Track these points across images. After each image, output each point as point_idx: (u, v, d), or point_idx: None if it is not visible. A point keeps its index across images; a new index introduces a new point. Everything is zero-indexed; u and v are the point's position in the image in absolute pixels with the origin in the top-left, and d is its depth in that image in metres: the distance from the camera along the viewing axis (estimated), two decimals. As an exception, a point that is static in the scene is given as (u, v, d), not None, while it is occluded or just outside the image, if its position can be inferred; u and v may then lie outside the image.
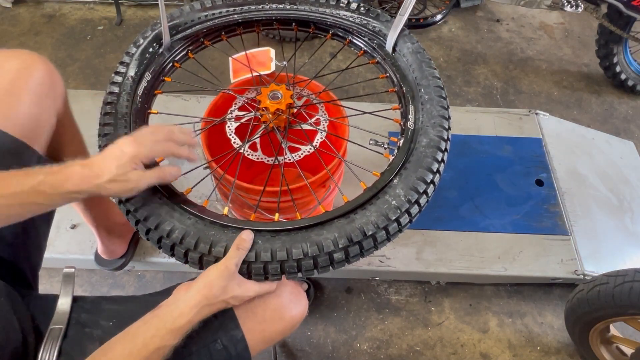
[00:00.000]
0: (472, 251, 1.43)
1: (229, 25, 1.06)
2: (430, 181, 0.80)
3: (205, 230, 0.74)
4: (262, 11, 1.05)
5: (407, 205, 0.77)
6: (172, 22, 1.01)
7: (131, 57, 0.95)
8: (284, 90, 0.96)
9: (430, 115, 0.86)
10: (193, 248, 0.73)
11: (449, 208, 1.52)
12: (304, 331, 1.38)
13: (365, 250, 0.75)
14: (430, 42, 2.30)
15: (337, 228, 0.74)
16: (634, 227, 1.54)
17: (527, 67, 2.23)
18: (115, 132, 0.84)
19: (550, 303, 1.47)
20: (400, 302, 1.45)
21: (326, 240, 0.72)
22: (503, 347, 1.38)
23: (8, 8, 2.30)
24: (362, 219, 0.75)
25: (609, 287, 1.08)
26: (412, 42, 0.97)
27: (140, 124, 0.90)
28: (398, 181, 0.79)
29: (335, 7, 1.04)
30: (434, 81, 0.91)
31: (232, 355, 0.76)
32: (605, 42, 1.98)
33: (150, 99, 0.96)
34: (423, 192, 0.79)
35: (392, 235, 0.76)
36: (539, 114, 1.79)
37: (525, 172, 1.62)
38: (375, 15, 1.02)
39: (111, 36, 2.22)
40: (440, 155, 0.82)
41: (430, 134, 0.84)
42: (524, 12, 2.51)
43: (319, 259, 0.72)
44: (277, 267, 0.72)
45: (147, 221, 0.74)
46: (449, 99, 0.91)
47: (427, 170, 0.80)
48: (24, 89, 0.81)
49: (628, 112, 2.07)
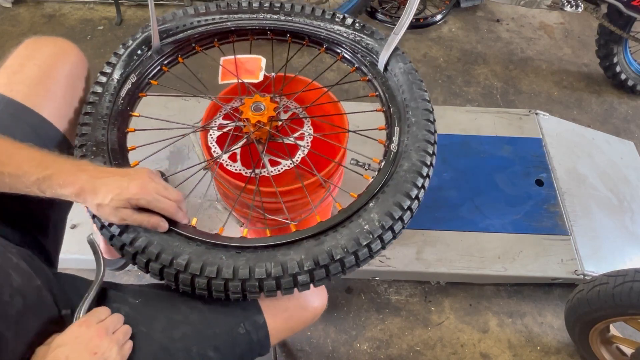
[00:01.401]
0: (472, 251, 1.43)
1: (222, 32, 1.04)
2: (407, 207, 0.76)
3: (170, 241, 0.72)
4: (256, 20, 1.03)
5: (380, 231, 0.73)
6: (163, 25, 1.00)
7: (118, 57, 0.95)
8: (267, 102, 0.94)
9: (415, 139, 0.83)
10: (154, 258, 0.71)
11: (449, 208, 1.52)
12: (304, 331, 1.38)
13: (332, 275, 0.71)
14: (430, 42, 2.30)
15: (305, 249, 0.71)
16: (634, 227, 1.54)
17: (527, 67, 2.23)
18: (93, 132, 0.84)
19: (550, 303, 1.47)
20: (400, 302, 1.45)
21: (292, 261, 0.70)
22: (503, 347, 1.38)
23: (8, 8, 2.30)
24: (331, 242, 0.72)
25: (609, 287, 1.08)
26: (404, 62, 0.94)
27: (121, 125, 0.89)
28: (374, 205, 0.76)
29: (330, 21, 1.02)
30: (423, 104, 0.88)
31: (254, 341, 0.77)
32: (605, 42, 1.98)
33: (134, 101, 0.95)
34: (398, 219, 0.75)
35: (361, 261, 0.73)
36: (539, 114, 1.79)
37: (525, 172, 1.62)
38: (369, 33, 1.00)
39: (111, 36, 2.22)
40: (421, 181, 0.79)
41: (412, 158, 0.81)
42: (524, 12, 2.51)
43: (282, 281, 0.70)
44: (238, 286, 0.70)
45: (111, 227, 0.74)
46: (449, 99, 0.91)
47: (405, 196, 0.76)
48: (60, 72, 0.86)
49: (628, 112, 2.07)
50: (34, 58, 0.85)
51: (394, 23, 2.30)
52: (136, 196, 0.69)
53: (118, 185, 0.69)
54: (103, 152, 0.82)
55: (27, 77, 0.83)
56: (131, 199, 0.69)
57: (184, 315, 0.74)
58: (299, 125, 1.11)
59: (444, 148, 1.65)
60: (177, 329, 0.72)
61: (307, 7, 1.03)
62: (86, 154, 0.81)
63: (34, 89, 0.82)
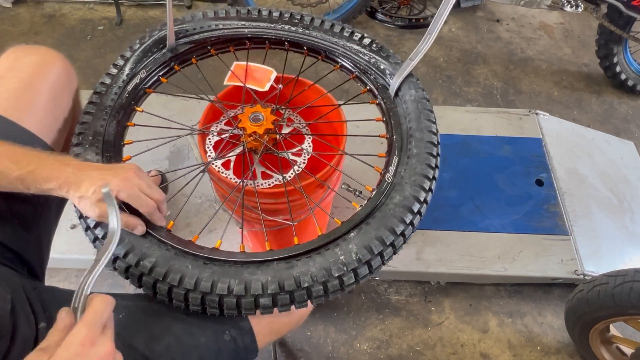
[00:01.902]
0: (472, 251, 1.43)
1: (239, 39, 1.04)
2: (390, 244, 0.72)
3: (141, 242, 0.71)
4: (273, 30, 1.02)
5: (356, 264, 0.69)
6: (181, 25, 1.00)
7: (133, 52, 0.95)
8: (267, 114, 0.93)
9: (413, 172, 0.79)
10: (122, 256, 0.70)
11: (449, 208, 1.52)
12: (303, 331, 1.38)
13: (296, 302, 0.68)
14: (430, 42, 2.30)
15: (273, 271, 0.68)
16: (634, 227, 1.54)
17: (527, 67, 2.23)
18: (93, 122, 0.84)
19: (550, 303, 1.47)
20: (400, 302, 1.45)
21: (256, 282, 0.67)
22: (503, 347, 1.38)
23: (8, 8, 2.30)
24: (302, 268, 0.68)
25: (609, 287, 1.08)
26: (416, 90, 0.90)
27: (122, 119, 0.88)
28: (355, 235, 0.72)
29: (347, 39, 1.00)
30: (428, 135, 0.84)
31: (240, 347, 0.77)
32: (605, 42, 1.98)
33: (140, 97, 0.95)
34: (378, 254, 0.71)
35: (331, 292, 0.69)
36: (539, 114, 1.79)
37: (525, 172, 1.62)
38: (386, 55, 0.97)
39: (111, 36, 2.22)
40: (410, 217, 0.74)
41: (405, 192, 0.76)
42: (524, 12, 2.51)
43: (243, 300, 0.67)
44: (197, 298, 0.67)
45: (88, 219, 0.73)
46: (449, 99, 0.90)
47: (389, 231, 0.72)
48: (43, 84, 0.83)
49: (628, 112, 2.07)
50: (14, 69, 0.83)
51: (394, 23, 2.31)
52: (117, 187, 0.67)
53: (102, 177, 0.68)
54: (98, 142, 0.82)
55: (6, 89, 0.80)
56: (112, 190, 0.67)
57: (167, 327, 0.72)
58: (299, 140, 1.09)
59: (444, 148, 1.62)
60: (160, 341, 0.70)
61: (326, 22, 1.02)
62: (82, 142, 0.81)
63: (14, 102, 0.80)
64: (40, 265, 0.87)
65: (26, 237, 0.82)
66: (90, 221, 0.73)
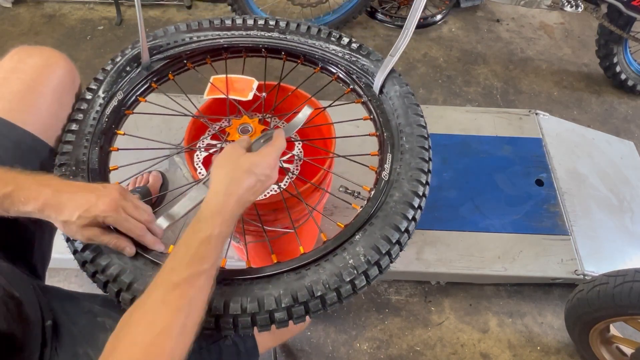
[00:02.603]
0: (472, 251, 1.43)
1: (215, 49, 1.01)
2: (396, 241, 0.71)
3: (136, 264, 0.69)
4: (249, 37, 1.01)
5: (366, 266, 0.69)
6: (154, 41, 0.98)
7: (106, 74, 0.92)
8: (255, 124, 0.91)
9: (408, 167, 0.78)
10: (90, 261, 0.69)
11: (449, 208, 1.52)
12: (304, 331, 1.38)
13: (312, 312, 0.67)
14: (430, 42, 2.30)
15: (284, 284, 0.67)
16: (634, 227, 1.54)
17: (527, 67, 2.23)
18: (75, 151, 0.81)
19: (550, 303, 1.47)
20: (400, 302, 1.45)
21: (269, 297, 0.65)
22: (503, 347, 1.38)
23: (8, 8, 2.30)
24: (313, 277, 0.67)
25: (609, 287, 1.08)
26: (400, 85, 0.90)
27: (104, 144, 0.86)
28: (360, 237, 0.71)
29: (325, 40, 0.99)
30: (418, 130, 0.83)
31: (242, 352, 0.77)
32: (605, 42, 1.98)
33: (120, 119, 0.92)
34: (385, 253, 0.70)
35: (344, 298, 0.68)
36: (539, 114, 1.79)
37: (525, 172, 1.62)
38: (366, 53, 0.96)
39: (111, 36, 2.22)
40: (412, 213, 0.74)
41: (404, 188, 0.76)
42: (524, 12, 2.51)
43: (258, 317, 0.65)
44: (211, 321, 0.65)
45: (75, 242, 0.72)
46: (449, 99, 0.90)
47: (394, 229, 0.71)
48: (46, 86, 0.82)
49: (628, 112, 2.07)
50: (18, 71, 0.82)
51: (394, 23, 2.31)
52: (104, 213, 0.64)
53: (86, 201, 0.65)
54: (83, 172, 0.80)
55: (9, 92, 0.80)
56: (98, 216, 0.64)
57: None
58: (289, 147, 1.07)
59: (444, 148, 1.65)
60: None
61: (302, 25, 1.00)
62: (65, 173, 0.79)
63: (17, 104, 0.79)
64: (42, 264, 0.87)
65: (29, 237, 0.83)
66: (78, 244, 0.71)
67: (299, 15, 2.23)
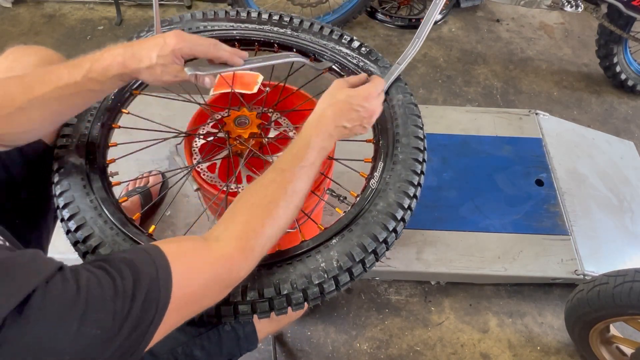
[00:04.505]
0: (472, 251, 1.43)
1: (228, 40, 1.01)
2: (372, 251, 0.71)
3: (119, 239, 0.71)
4: (262, 32, 1.02)
5: (336, 271, 0.69)
6: (169, 26, 0.99)
7: None
8: (252, 117, 0.92)
9: (398, 178, 0.78)
10: (82, 241, 0.71)
11: (449, 208, 1.52)
12: (304, 331, 1.38)
13: (276, 309, 0.68)
14: (430, 42, 2.30)
15: (251, 277, 0.66)
16: (634, 227, 1.54)
17: (527, 67, 2.23)
18: (78, 124, 0.83)
19: (550, 303, 1.46)
20: (400, 302, 1.45)
21: (235, 288, 0.65)
22: (503, 347, 1.38)
23: (8, 8, 2.30)
24: (282, 274, 0.68)
25: (609, 287, 1.08)
26: (404, 94, 0.90)
27: (107, 120, 0.88)
28: (336, 242, 0.72)
29: (336, 42, 0.99)
30: (415, 141, 0.83)
31: (240, 337, 0.77)
32: (605, 42, 1.98)
33: (126, 99, 0.93)
34: (359, 261, 0.70)
35: (311, 299, 0.69)
36: (539, 114, 1.79)
37: (525, 172, 1.62)
38: (374, 59, 0.96)
39: (111, 36, 2.22)
40: (393, 224, 0.73)
41: (389, 199, 0.75)
42: (524, 12, 2.51)
43: (222, 307, 0.66)
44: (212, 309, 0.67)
45: (69, 222, 0.74)
46: (449, 99, 0.90)
47: (371, 238, 0.71)
48: None
49: (628, 112, 2.07)
50: (13, 70, 0.82)
51: (394, 23, 2.31)
52: (177, 46, 0.70)
53: (156, 44, 0.70)
54: (83, 145, 0.82)
55: None
56: (174, 50, 0.70)
57: None
58: (286, 144, 1.09)
59: (444, 148, 1.65)
60: None
61: (315, 24, 1.01)
62: (66, 144, 0.82)
63: None
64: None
65: (29, 237, 0.83)
66: (72, 224, 0.73)
67: (299, 15, 2.22)
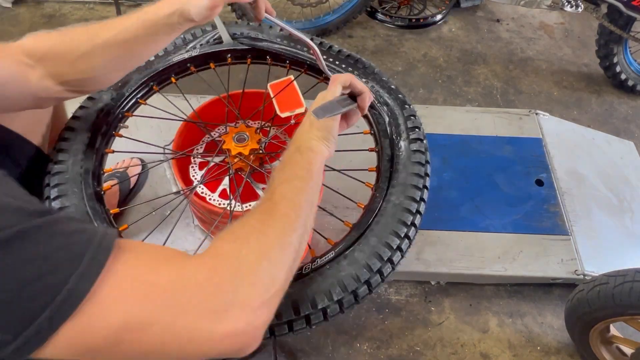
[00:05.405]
0: (472, 251, 1.43)
1: (220, 53, 1.03)
2: (365, 281, 0.74)
3: None
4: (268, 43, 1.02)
5: (327, 303, 0.71)
6: None
7: None
8: (251, 133, 0.91)
9: (390, 217, 0.80)
10: None
11: (449, 208, 1.52)
12: (303, 331, 1.38)
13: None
14: (430, 42, 2.30)
15: None
16: (634, 227, 1.54)
17: (527, 67, 2.23)
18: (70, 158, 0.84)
19: (550, 303, 1.46)
20: (400, 302, 1.45)
21: None
22: (503, 347, 1.38)
23: (8, 8, 2.30)
24: None
25: (609, 287, 1.08)
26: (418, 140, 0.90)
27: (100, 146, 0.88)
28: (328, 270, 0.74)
29: (365, 74, 0.98)
30: (410, 183, 0.85)
31: None
32: (605, 42, 1.98)
33: (119, 120, 0.93)
34: (352, 292, 0.73)
35: (295, 330, 0.72)
36: (539, 114, 1.79)
37: (525, 172, 1.62)
38: (388, 89, 0.96)
39: (111, 36, 2.22)
40: (379, 265, 0.76)
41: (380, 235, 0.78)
42: (524, 12, 2.51)
43: None
44: None
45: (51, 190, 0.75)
46: (449, 99, 0.90)
47: (365, 269, 0.74)
48: None
49: (628, 112, 2.07)
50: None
51: (394, 23, 2.31)
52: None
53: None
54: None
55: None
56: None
57: None
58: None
59: (444, 148, 1.65)
60: None
61: (343, 50, 1.01)
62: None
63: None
64: None
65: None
66: (53, 192, 0.76)
67: (299, 15, 2.23)
